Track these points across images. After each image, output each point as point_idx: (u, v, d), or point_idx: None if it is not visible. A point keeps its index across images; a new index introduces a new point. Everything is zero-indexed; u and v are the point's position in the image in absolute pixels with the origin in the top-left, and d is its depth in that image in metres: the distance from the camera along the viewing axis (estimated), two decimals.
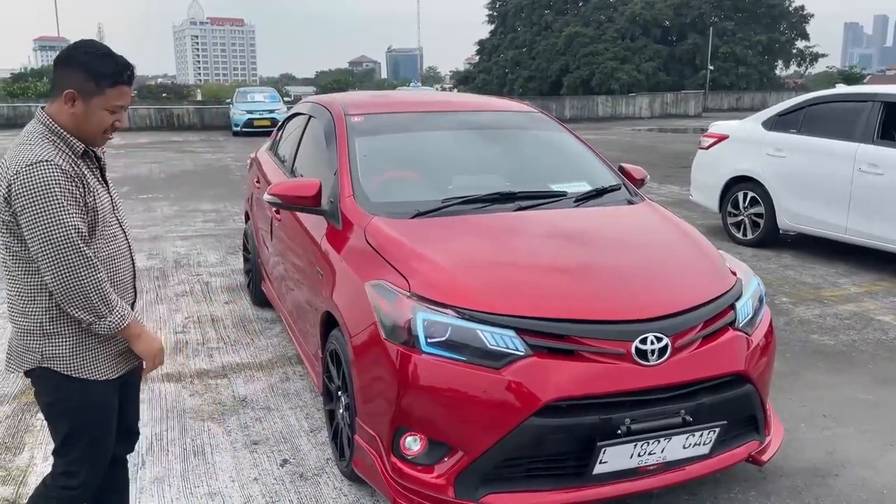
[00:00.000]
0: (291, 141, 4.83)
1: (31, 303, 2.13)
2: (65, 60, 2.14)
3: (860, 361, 4.51)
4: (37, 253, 2.04)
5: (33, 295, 2.13)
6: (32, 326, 2.15)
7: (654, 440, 2.58)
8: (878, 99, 6.43)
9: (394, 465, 2.69)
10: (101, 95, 2.13)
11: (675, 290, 2.87)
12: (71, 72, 2.11)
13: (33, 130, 2.13)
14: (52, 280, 2.05)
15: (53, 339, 2.15)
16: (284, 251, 4.28)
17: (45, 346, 2.15)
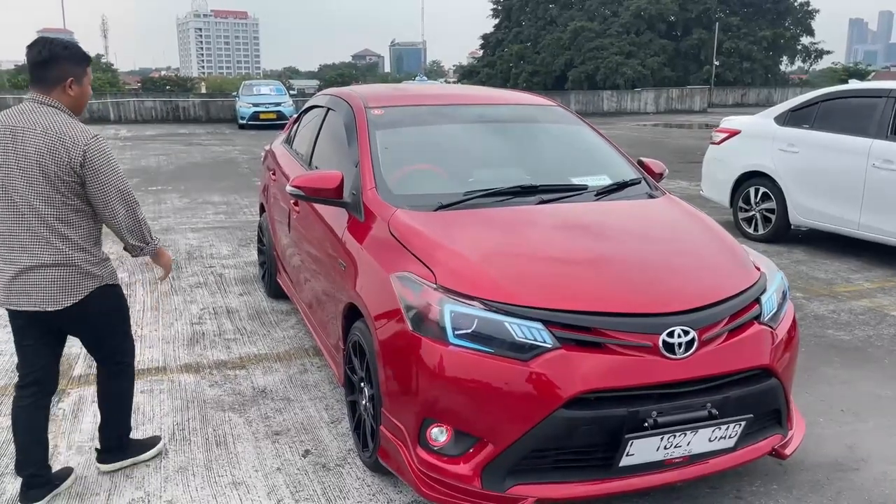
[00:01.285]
0: (309, 133, 4.83)
1: (90, 243, 2.85)
2: (51, 59, 2.75)
3: (876, 357, 4.52)
4: (110, 201, 2.78)
5: (93, 237, 2.87)
6: (92, 259, 2.86)
7: (681, 433, 2.59)
8: (892, 95, 6.42)
9: (420, 456, 2.71)
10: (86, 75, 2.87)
11: (701, 283, 2.88)
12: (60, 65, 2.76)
13: (55, 113, 2.75)
14: (124, 218, 2.84)
15: (106, 265, 2.94)
16: (303, 243, 4.29)
17: (104, 271, 2.91)
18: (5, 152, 2.70)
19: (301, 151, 4.89)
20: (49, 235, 2.74)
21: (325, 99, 4.77)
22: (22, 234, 2.74)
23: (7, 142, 2.71)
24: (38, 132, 2.69)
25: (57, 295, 2.78)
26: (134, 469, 3.20)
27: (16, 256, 2.75)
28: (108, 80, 58.71)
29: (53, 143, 2.68)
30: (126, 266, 6.58)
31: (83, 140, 2.70)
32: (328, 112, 4.53)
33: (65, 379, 4.13)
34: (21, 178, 2.69)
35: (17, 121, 2.73)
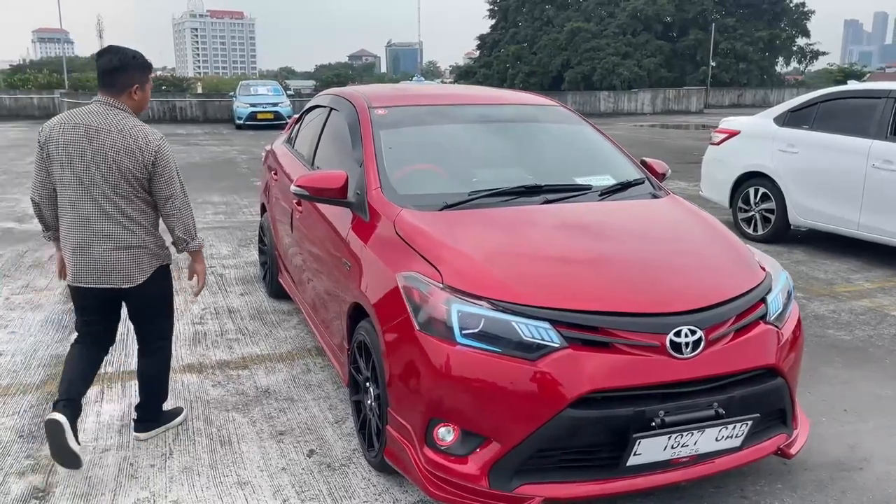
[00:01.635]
0: (311, 133, 4.83)
1: (155, 228, 3.27)
2: (122, 68, 3.15)
3: (877, 357, 4.53)
4: (173, 193, 3.18)
5: (156, 224, 3.28)
6: (158, 242, 3.27)
7: (688, 433, 2.60)
8: (892, 95, 6.44)
9: (427, 455, 2.71)
10: (148, 82, 3.28)
11: (707, 283, 2.89)
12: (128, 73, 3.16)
13: (124, 115, 3.15)
14: (180, 210, 3.22)
15: (165, 248, 3.31)
16: (306, 243, 4.29)
17: (164, 252, 3.30)
18: (82, 150, 3.07)
19: (303, 151, 4.89)
20: (125, 222, 3.13)
21: (328, 99, 4.77)
22: (101, 222, 3.11)
23: (83, 140, 3.07)
24: (113, 133, 3.08)
25: (132, 273, 3.18)
26: (138, 469, 3.20)
27: (95, 241, 3.11)
28: None
29: (129, 144, 3.08)
30: None
31: (154, 141, 3.13)
32: (331, 112, 4.52)
33: None
34: (99, 173, 3.07)
35: (91, 121, 3.09)
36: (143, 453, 3.33)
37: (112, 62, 3.13)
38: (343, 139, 4.08)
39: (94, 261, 3.12)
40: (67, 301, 5.54)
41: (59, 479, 3.12)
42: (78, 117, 3.11)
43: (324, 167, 4.24)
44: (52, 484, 3.08)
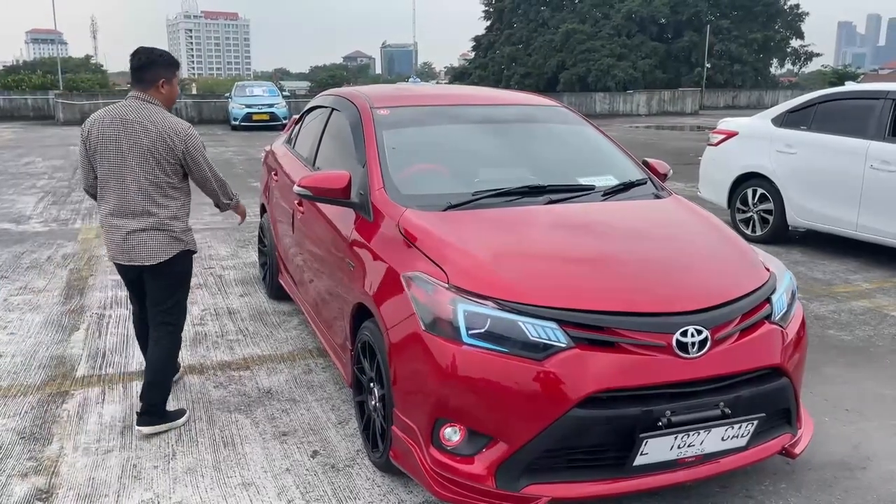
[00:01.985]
0: (312, 134, 4.82)
1: (182, 212, 3.54)
2: (149, 64, 3.49)
3: (878, 356, 4.55)
4: (206, 177, 3.56)
5: (185, 209, 3.57)
6: (182, 227, 3.52)
7: (694, 432, 2.60)
8: (890, 97, 6.47)
9: (433, 456, 2.70)
10: (174, 77, 3.59)
11: (713, 283, 2.89)
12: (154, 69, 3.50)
13: (155, 108, 3.46)
14: (216, 185, 3.63)
15: (189, 234, 3.59)
16: (308, 243, 4.28)
17: (189, 238, 3.57)
18: (118, 141, 3.39)
19: (304, 152, 4.88)
20: (153, 208, 3.42)
21: (329, 99, 4.76)
22: (133, 206, 3.41)
23: (119, 131, 3.39)
24: (146, 125, 3.39)
25: (155, 253, 3.45)
26: (142, 470, 3.18)
27: (128, 223, 3.42)
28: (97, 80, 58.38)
29: (160, 135, 3.39)
30: None
31: (183, 132, 3.45)
32: (332, 112, 4.52)
33: (68, 380, 4.12)
34: (134, 162, 3.39)
35: (126, 114, 3.42)
36: (147, 454, 3.32)
37: (140, 60, 3.49)
38: (345, 140, 4.07)
39: (125, 241, 3.44)
40: (66, 302, 5.52)
41: (62, 480, 3.10)
42: (114, 111, 3.45)
43: (325, 168, 4.23)
44: (55, 485, 3.06)
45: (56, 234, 8.06)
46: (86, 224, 8.60)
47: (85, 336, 4.82)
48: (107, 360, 4.43)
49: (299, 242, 4.50)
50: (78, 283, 6.04)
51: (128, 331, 4.92)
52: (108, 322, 5.09)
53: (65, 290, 5.87)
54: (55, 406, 3.79)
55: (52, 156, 16.01)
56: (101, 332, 4.88)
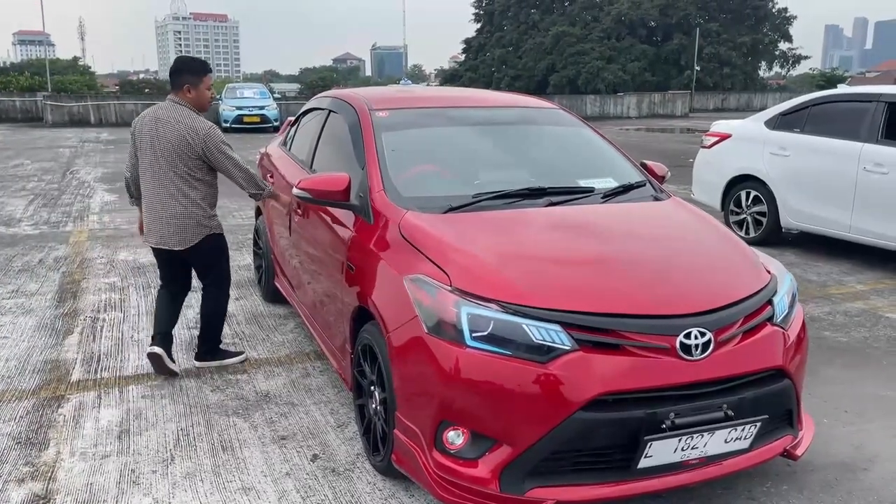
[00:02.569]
0: (309, 136, 4.80)
1: (206, 203, 4.07)
2: (177, 71, 4.05)
3: (874, 358, 4.57)
4: (229, 170, 4.02)
5: (208, 200, 4.10)
6: (207, 214, 4.07)
7: (698, 434, 2.59)
8: (882, 99, 6.51)
9: (436, 459, 2.69)
10: (201, 83, 4.05)
11: (715, 285, 2.89)
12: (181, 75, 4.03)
13: (182, 109, 3.99)
14: (241, 178, 4.08)
15: (214, 219, 4.15)
16: (305, 246, 4.26)
17: (213, 223, 4.12)
18: (152, 137, 3.94)
19: (301, 154, 4.85)
20: (180, 197, 3.97)
21: (326, 101, 4.74)
22: (163, 196, 3.97)
23: (153, 129, 3.94)
24: (173, 124, 3.91)
25: (183, 238, 4.03)
26: (140, 475, 3.15)
27: (159, 210, 3.99)
28: (85, 82, 58.11)
29: (182, 133, 3.89)
30: (118, 271, 6.51)
31: (203, 131, 3.92)
32: (329, 114, 4.49)
33: (63, 384, 4.07)
34: (162, 156, 3.93)
35: (160, 114, 3.97)
36: (145, 459, 3.28)
37: (174, 66, 4.06)
38: (343, 142, 4.05)
39: (158, 226, 4.02)
40: (59, 306, 5.48)
41: (59, 485, 3.06)
42: (153, 111, 4.02)
43: (323, 170, 4.20)
44: (52, 491, 3.02)
45: (47, 236, 8.00)
46: (77, 227, 8.53)
47: (79, 340, 4.77)
48: (102, 363, 4.38)
49: (296, 245, 4.47)
50: (71, 287, 5.98)
51: (122, 334, 4.88)
52: (102, 326, 5.04)
53: (58, 293, 5.82)
54: (51, 411, 3.75)
55: (41, 158, 15.89)
56: (95, 336, 4.83)
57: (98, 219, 9.05)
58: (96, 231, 8.29)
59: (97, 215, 9.30)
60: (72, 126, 26.14)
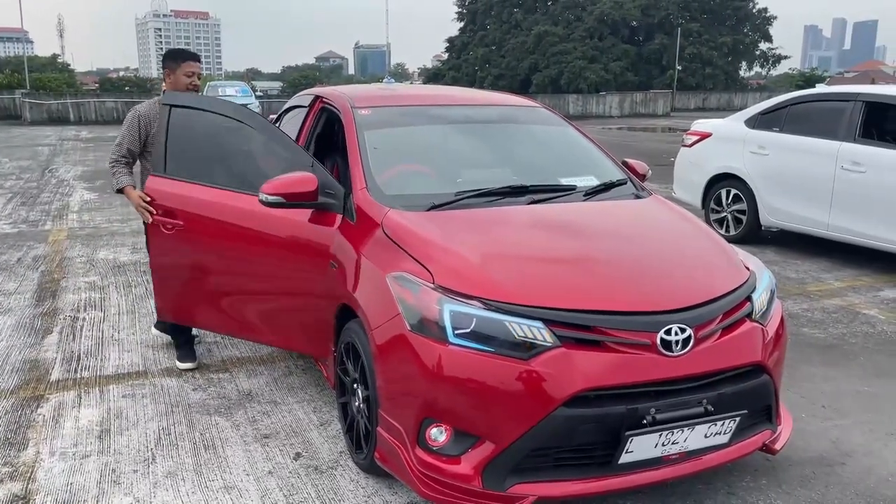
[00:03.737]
0: (290, 134, 4.76)
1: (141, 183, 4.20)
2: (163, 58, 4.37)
3: (852, 354, 4.63)
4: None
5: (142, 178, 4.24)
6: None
7: (679, 429, 2.62)
8: (860, 98, 6.59)
9: (419, 456, 2.69)
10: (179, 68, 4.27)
11: (695, 281, 2.91)
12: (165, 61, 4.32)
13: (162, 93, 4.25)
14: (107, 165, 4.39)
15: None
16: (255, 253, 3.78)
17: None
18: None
19: None
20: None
21: (308, 99, 4.71)
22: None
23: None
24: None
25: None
26: (121, 475, 3.13)
27: None
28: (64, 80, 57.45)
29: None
30: (98, 270, 6.46)
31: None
32: (311, 112, 4.47)
33: (43, 384, 4.04)
34: None
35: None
36: (126, 458, 3.26)
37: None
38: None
39: None
40: (38, 305, 5.42)
41: (39, 486, 3.04)
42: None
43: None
44: (31, 491, 3.00)
45: (26, 235, 7.91)
46: (56, 225, 8.45)
47: (59, 339, 4.73)
48: (81, 363, 4.35)
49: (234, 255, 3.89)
50: (50, 286, 5.92)
51: (102, 333, 4.84)
52: (81, 325, 5.00)
53: (37, 292, 5.76)
54: (30, 410, 3.71)
55: (19, 156, 15.72)
56: (74, 335, 4.79)
57: (77, 217, 8.97)
58: (76, 230, 8.22)
59: (77, 214, 9.22)
60: (51, 124, 25.86)
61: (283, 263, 3.64)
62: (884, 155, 6.25)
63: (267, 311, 3.87)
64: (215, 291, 3.97)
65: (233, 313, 3.97)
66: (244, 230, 3.72)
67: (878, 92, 6.71)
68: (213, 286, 3.96)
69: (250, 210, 3.62)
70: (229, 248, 3.81)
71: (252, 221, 3.67)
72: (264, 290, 3.83)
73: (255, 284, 3.83)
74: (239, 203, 3.72)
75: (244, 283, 3.87)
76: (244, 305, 3.95)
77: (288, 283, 3.67)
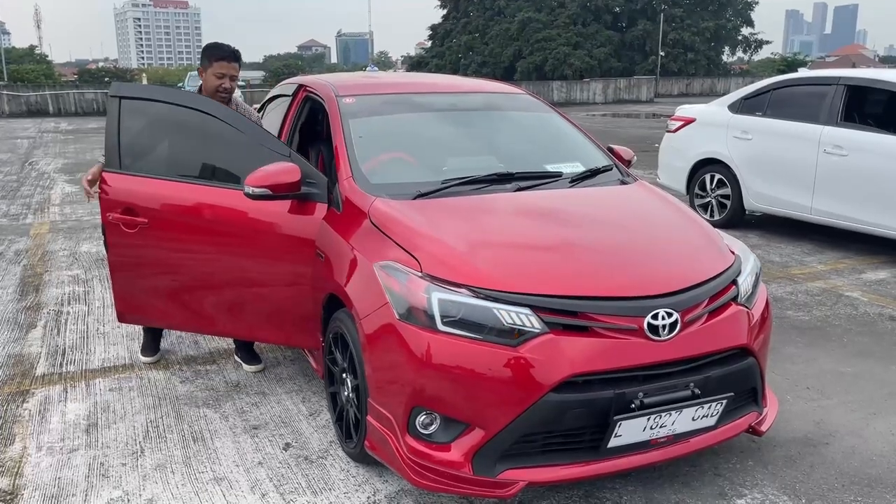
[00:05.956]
0: (274, 124, 4.73)
1: None
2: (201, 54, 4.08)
3: (835, 335, 4.68)
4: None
5: None
6: None
7: (666, 413, 2.64)
8: (842, 82, 6.63)
9: (409, 444, 2.70)
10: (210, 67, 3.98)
11: (682, 266, 2.93)
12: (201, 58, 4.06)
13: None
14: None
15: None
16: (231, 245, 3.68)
17: None
18: None
19: None
20: None
21: (291, 88, 4.68)
22: None
23: None
24: None
25: None
26: (109, 468, 3.11)
27: None
28: (42, 71, 56.77)
29: None
30: (81, 263, 6.40)
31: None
32: (294, 101, 4.44)
33: (27, 378, 4.00)
34: None
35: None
36: (114, 452, 3.25)
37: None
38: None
39: None
40: (21, 299, 5.37)
41: (26, 481, 3.02)
42: None
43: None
44: (19, 486, 2.98)
45: (7, 229, 7.83)
46: (38, 219, 8.36)
47: (43, 334, 4.69)
48: (67, 357, 4.32)
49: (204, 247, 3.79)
50: (33, 280, 5.87)
51: (87, 327, 4.81)
52: (66, 319, 4.96)
53: (19, 286, 5.70)
54: (15, 406, 3.69)
55: None
56: (59, 330, 4.76)
57: (59, 210, 8.88)
58: (58, 223, 8.14)
59: (58, 207, 9.13)
60: (29, 116, 25.54)
61: (265, 256, 3.55)
62: (865, 138, 6.31)
63: (251, 306, 3.71)
64: (193, 290, 3.78)
65: (215, 311, 3.79)
66: (221, 224, 3.60)
67: (859, 75, 6.76)
68: (189, 284, 3.77)
69: (228, 203, 3.55)
70: (205, 243, 3.67)
71: (230, 214, 3.57)
72: (247, 284, 3.67)
73: (235, 279, 3.67)
74: (213, 197, 3.60)
75: (224, 279, 3.70)
76: (225, 302, 3.76)
77: (272, 275, 3.59)
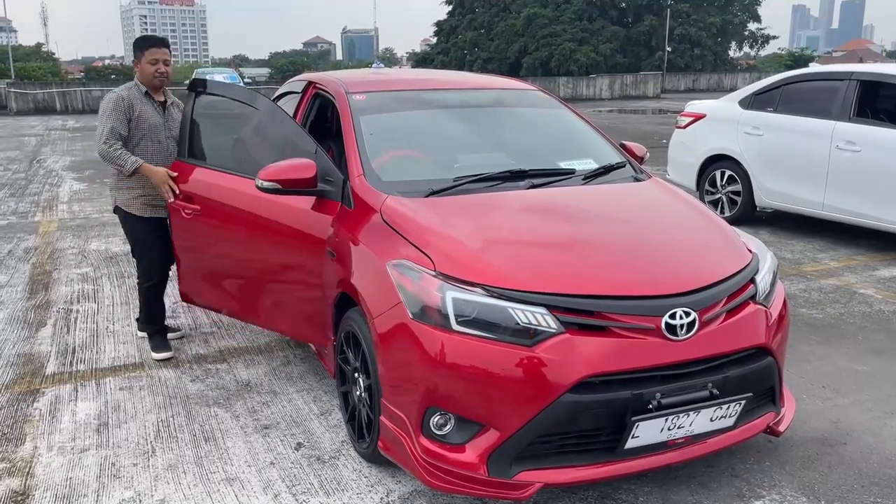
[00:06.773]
0: None
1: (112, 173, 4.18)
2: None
3: (850, 333, 4.63)
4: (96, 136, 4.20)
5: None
6: (114, 184, 4.17)
7: (684, 414, 2.61)
8: (854, 77, 6.57)
9: (423, 445, 2.67)
10: (143, 57, 4.11)
11: (699, 264, 2.89)
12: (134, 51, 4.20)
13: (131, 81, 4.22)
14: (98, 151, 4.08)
15: (121, 192, 4.15)
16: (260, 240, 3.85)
17: (118, 194, 4.15)
18: None
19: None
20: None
21: (300, 85, 4.65)
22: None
23: None
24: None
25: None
26: (121, 469, 3.09)
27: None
28: (49, 69, 56.85)
29: None
30: (90, 261, 6.40)
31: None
32: (304, 99, 4.41)
33: (38, 378, 3.99)
34: None
35: None
36: (125, 452, 3.23)
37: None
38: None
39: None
40: (31, 298, 5.36)
41: (38, 481, 3.00)
42: None
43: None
44: (31, 487, 2.96)
45: (15, 227, 7.82)
46: (46, 217, 8.36)
47: (53, 332, 4.68)
48: (77, 356, 4.30)
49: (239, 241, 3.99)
50: (42, 278, 5.86)
51: (97, 325, 4.80)
52: (75, 317, 4.95)
53: (29, 284, 5.69)
54: (26, 405, 3.67)
55: (5, 147, 15.54)
56: (69, 328, 4.74)
57: (67, 208, 8.88)
58: (66, 220, 8.13)
59: (66, 204, 9.12)
60: (37, 114, 25.59)
61: (285, 251, 3.66)
62: (879, 134, 6.24)
63: (273, 298, 3.88)
64: (236, 279, 4.13)
65: (242, 298, 4.11)
66: (248, 216, 3.79)
67: (872, 70, 6.69)
68: (234, 273, 4.12)
69: (256, 196, 3.62)
70: (236, 233, 3.92)
71: (256, 207, 3.73)
72: (269, 277, 3.86)
73: (261, 271, 3.89)
74: (245, 189, 3.73)
75: (250, 269, 3.96)
76: (251, 291, 4.03)
77: (291, 271, 3.69)
